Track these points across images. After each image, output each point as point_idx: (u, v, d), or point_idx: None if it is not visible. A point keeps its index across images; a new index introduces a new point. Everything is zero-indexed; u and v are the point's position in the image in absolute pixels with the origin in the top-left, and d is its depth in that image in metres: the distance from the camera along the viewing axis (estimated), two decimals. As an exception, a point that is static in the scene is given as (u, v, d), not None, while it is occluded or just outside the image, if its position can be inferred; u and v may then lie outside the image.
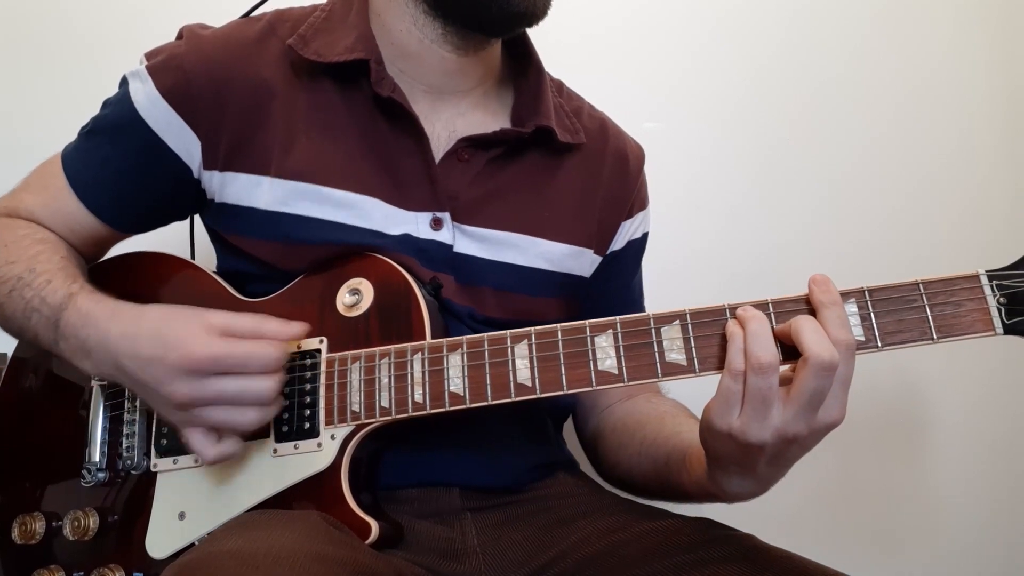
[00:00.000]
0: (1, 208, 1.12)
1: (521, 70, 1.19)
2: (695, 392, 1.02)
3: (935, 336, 0.84)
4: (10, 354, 1.16)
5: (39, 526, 1.06)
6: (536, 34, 1.14)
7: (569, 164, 1.18)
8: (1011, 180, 1.85)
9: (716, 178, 1.82)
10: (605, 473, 1.22)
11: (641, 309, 1.31)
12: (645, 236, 1.30)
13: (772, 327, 0.85)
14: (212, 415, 0.92)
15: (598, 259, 1.21)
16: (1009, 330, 0.83)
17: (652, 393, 1.21)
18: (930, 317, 0.84)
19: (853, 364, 0.84)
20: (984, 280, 0.84)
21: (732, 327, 0.86)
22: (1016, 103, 1.89)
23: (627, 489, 1.17)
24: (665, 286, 1.43)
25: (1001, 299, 0.83)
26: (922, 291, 0.85)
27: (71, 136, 1.14)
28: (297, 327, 0.97)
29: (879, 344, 0.85)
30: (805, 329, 0.83)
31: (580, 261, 1.18)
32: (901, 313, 0.85)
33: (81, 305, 0.98)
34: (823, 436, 0.87)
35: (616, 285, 1.27)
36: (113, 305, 0.99)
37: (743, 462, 0.89)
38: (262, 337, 0.94)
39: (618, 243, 1.24)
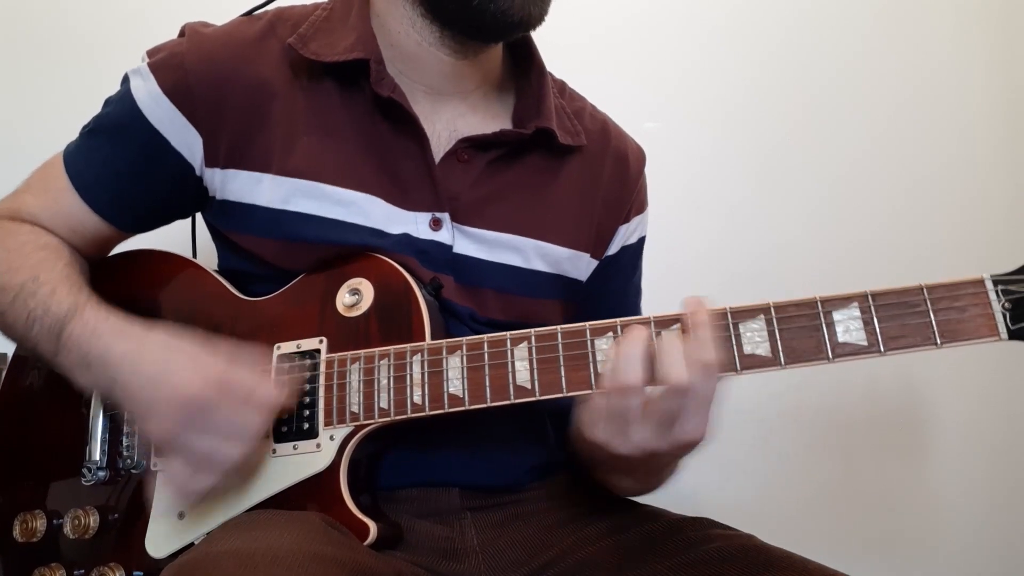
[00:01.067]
0: (3, 211, 1.12)
1: (523, 71, 1.19)
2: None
3: (938, 341, 0.84)
4: (11, 354, 1.16)
5: (40, 524, 1.06)
6: (538, 35, 1.14)
7: (570, 166, 1.18)
8: (1011, 180, 1.85)
9: (716, 178, 1.82)
10: (573, 468, 1.21)
11: (637, 312, 1.31)
12: (642, 240, 1.30)
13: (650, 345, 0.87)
14: (174, 465, 0.94)
15: (594, 263, 1.22)
16: (1014, 336, 0.83)
17: None
18: (934, 322, 0.84)
19: (713, 385, 0.86)
20: (989, 285, 0.84)
21: (612, 345, 0.90)
22: (1016, 103, 1.88)
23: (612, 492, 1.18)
24: (665, 286, 1.42)
25: (1006, 304, 0.83)
26: (926, 296, 0.85)
27: (71, 136, 1.14)
28: (290, 402, 0.98)
29: (882, 349, 0.85)
30: (662, 351, 0.86)
31: (577, 265, 1.18)
32: (904, 318, 0.85)
33: (87, 319, 0.98)
34: (689, 451, 0.90)
35: (613, 288, 1.27)
36: (119, 321, 0.99)
37: (618, 467, 0.95)
38: (253, 401, 0.93)
39: (613, 248, 1.24)
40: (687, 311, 0.88)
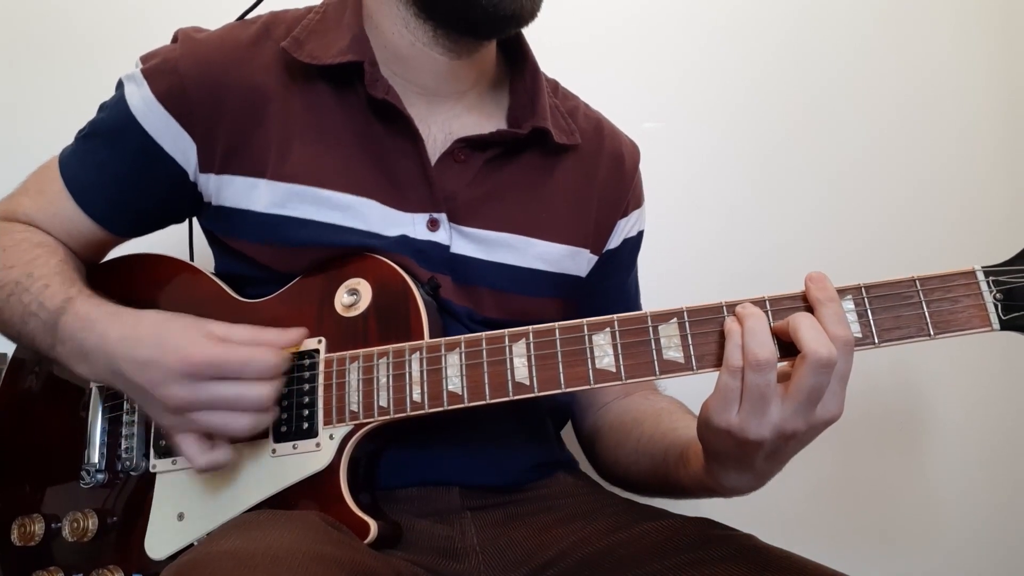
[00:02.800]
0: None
1: (517, 71, 1.19)
2: (692, 390, 1.02)
3: (932, 332, 0.84)
4: (10, 355, 1.16)
5: (38, 528, 1.06)
6: (534, 35, 1.14)
7: (565, 164, 1.18)
8: (1011, 180, 1.85)
9: (716, 178, 1.82)
10: (603, 471, 1.22)
11: (638, 307, 1.31)
12: (641, 234, 1.30)
13: (769, 324, 0.85)
14: (207, 419, 0.93)
15: (594, 258, 1.22)
16: (1006, 326, 0.83)
17: (649, 390, 1.21)
18: (927, 313, 0.84)
19: (851, 360, 0.84)
20: (980, 276, 0.85)
21: (730, 324, 0.86)
22: (1016, 103, 1.88)
23: (625, 486, 1.17)
24: (665, 286, 1.43)
25: (998, 295, 0.83)
26: (919, 287, 0.85)
27: (70, 137, 1.14)
28: (295, 333, 0.99)
29: (876, 341, 0.85)
30: (803, 326, 0.83)
31: (576, 261, 1.18)
32: (898, 310, 0.85)
33: (79, 308, 0.99)
34: (821, 431, 0.87)
35: (612, 284, 1.27)
36: (111, 309, 0.99)
37: (741, 458, 0.89)
38: (260, 344, 0.94)
39: (614, 241, 1.24)
40: (815, 287, 0.86)
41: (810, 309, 0.85)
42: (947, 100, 1.88)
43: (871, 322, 0.86)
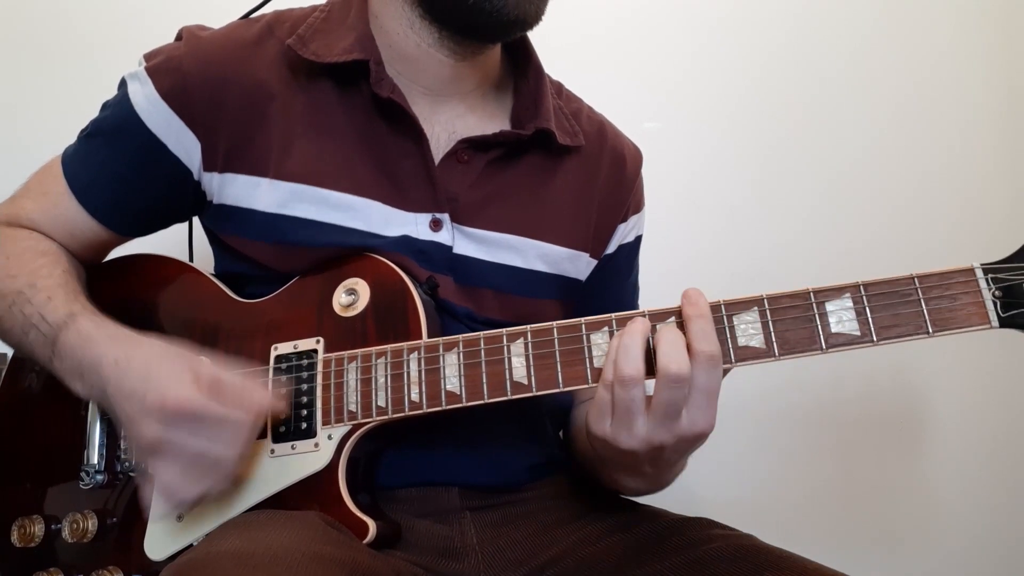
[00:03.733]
0: (2, 216, 1.12)
1: (521, 72, 1.19)
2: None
3: (930, 330, 0.84)
4: (10, 355, 1.16)
5: (38, 529, 1.06)
6: (536, 35, 1.14)
7: (567, 166, 1.18)
8: (1010, 178, 1.85)
9: (716, 178, 1.82)
10: (575, 469, 1.21)
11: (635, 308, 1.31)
12: (638, 239, 1.30)
13: (649, 338, 0.88)
14: (166, 470, 0.91)
15: (593, 262, 1.22)
16: (1005, 323, 0.84)
17: None
18: (925, 311, 0.85)
19: (718, 375, 0.87)
20: (979, 274, 0.85)
21: (613, 339, 0.90)
22: (1016, 103, 1.88)
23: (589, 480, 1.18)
24: (665, 286, 1.42)
25: (996, 292, 0.84)
26: (917, 285, 0.85)
27: (71, 136, 1.14)
28: (283, 404, 0.99)
29: (874, 339, 0.86)
30: (662, 341, 0.87)
31: (576, 264, 1.18)
32: (896, 307, 0.85)
33: (81, 326, 0.98)
34: (695, 444, 0.91)
35: (611, 287, 1.27)
36: (112, 331, 0.98)
37: (626, 464, 0.95)
38: (245, 405, 0.92)
39: (612, 246, 1.24)
40: (686, 302, 0.89)
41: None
42: (946, 98, 1.88)
43: (869, 320, 0.86)
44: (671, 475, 1.02)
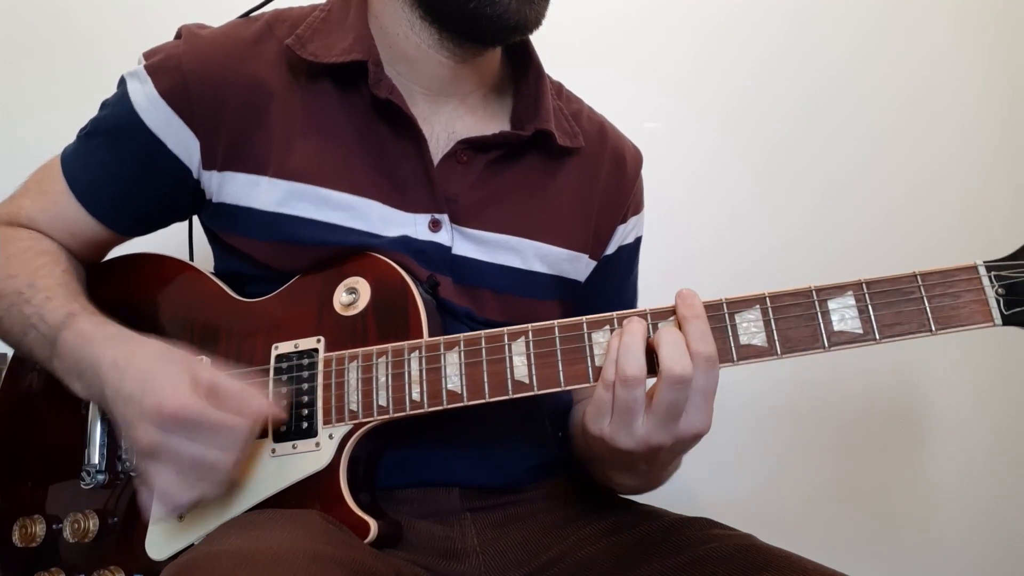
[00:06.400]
0: (2, 216, 1.12)
1: (521, 72, 1.19)
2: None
3: (933, 328, 0.84)
4: (10, 355, 1.16)
5: (39, 529, 1.06)
6: (536, 35, 1.14)
7: (567, 167, 1.18)
8: (1012, 176, 1.85)
9: (716, 178, 1.82)
10: (576, 470, 1.21)
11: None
12: (638, 240, 1.30)
13: (648, 338, 0.88)
14: (163, 475, 0.91)
15: (593, 263, 1.22)
16: (1008, 321, 0.83)
17: None
18: (928, 309, 0.85)
19: (715, 376, 0.87)
20: (982, 271, 0.85)
21: (612, 338, 0.90)
22: (1016, 103, 1.88)
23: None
24: (665, 286, 1.42)
25: (1000, 290, 0.84)
26: (920, 283, 0.85)
27: (71, 136, 1.14)
28: (281, 410, 0.98)
29: (877, 337, 0.85)
30: (663, 342, 0.87)
31: (576, 265, 1.18)
32: (899, 305, 0.85)
33: (80, 326, 0.98)
34: (691, 444, 0.91)
35: (610, 288, 1.27)
36: (111, 331, 0.98)
37: (622, 462, 0.95)
38: (243, 411, 0.91)
39: (611, 248, 1.24)
40: (681, 303, 0.89)
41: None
42: (948, 96, 1.88)
43: (872, 318, 0.86)
44: (666, 474, 1.03)
